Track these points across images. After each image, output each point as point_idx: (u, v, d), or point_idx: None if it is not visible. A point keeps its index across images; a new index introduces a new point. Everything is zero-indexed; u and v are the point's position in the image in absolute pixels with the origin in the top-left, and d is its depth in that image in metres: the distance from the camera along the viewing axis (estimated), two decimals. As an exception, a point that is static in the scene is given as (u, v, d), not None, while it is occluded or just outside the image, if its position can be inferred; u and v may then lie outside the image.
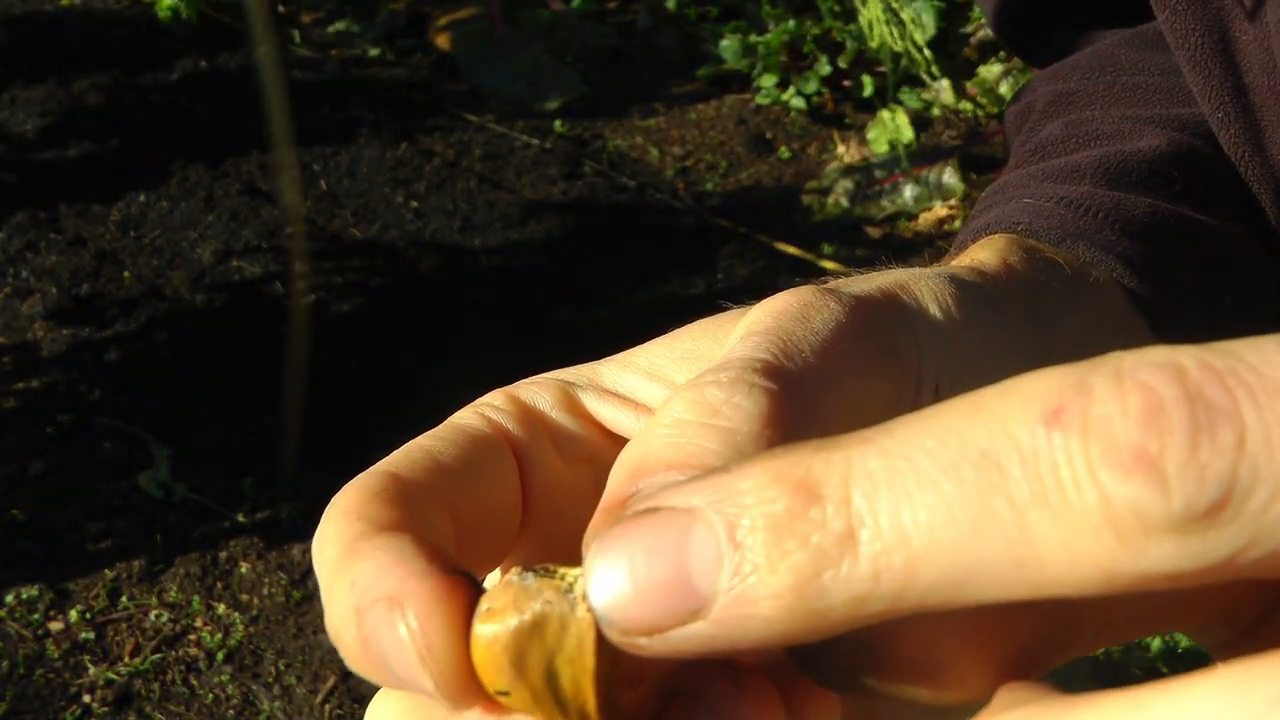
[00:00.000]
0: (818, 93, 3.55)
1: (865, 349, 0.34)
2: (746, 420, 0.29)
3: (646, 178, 3.36)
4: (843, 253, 3.10)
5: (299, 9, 3.95)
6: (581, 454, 0.38)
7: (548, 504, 0.37)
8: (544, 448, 0.37)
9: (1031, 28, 0.69)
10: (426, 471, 0.34)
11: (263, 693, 2.10)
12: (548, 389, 0.38)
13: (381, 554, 0.30)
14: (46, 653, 2.11)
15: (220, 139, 3.31)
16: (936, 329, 0.37)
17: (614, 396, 0.38)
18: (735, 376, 0.30)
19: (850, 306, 0.35)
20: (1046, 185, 0.54)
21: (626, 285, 2.96)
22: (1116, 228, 0.51)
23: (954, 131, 3.46)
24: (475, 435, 0.36)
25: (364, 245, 3.02)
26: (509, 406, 0.37)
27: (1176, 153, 0.56)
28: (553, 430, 0.38)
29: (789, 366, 0.31)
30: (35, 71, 3.52)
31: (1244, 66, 0.53)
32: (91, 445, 2.46)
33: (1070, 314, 0.45)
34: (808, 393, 0.31)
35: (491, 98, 3.56)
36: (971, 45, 3.48)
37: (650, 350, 0.39)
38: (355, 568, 0.30)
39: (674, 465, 0.29)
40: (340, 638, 0.30)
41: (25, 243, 2.92)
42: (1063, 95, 0.63)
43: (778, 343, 0.32)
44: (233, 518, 2.34)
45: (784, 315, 0.34)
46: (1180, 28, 0.53)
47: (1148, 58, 0.62)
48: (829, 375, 0.32)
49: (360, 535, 0.31)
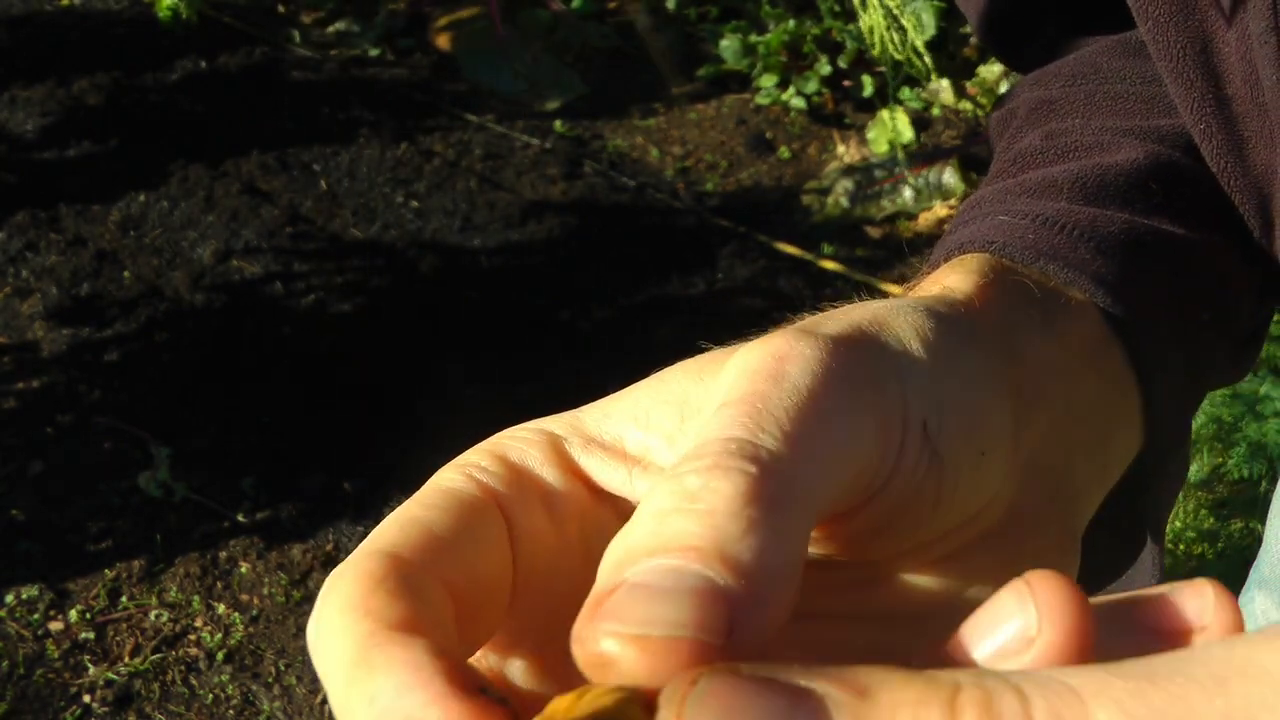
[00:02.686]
0: (818, 93, 3.55)
1: (848, 392, 0.34)
2: (725, 501, 0.30)
3: (646, 178, 3.36)
4: (843, 253, 3.10)
5: (299, 9, 3.95)
6: (570, 512, 0.37)
7: (537, 567, 0.36)
8: (533, 509, 0.36)
9: (1015, 32, 0.68)
10: (423, 549, 0.33)
11: (263, 693, 2.10)
12: (535, 444, 0.37)
13: (400, 670, 0.29)
14: (46, 653, 2.12)
15: (220, 139, 3.31)
16: (919, 366, 0.37)
17: (601, 447, 0.38)
18: (712, 463, 0.30)
19: (828, 350, 0.34)
20: (1022, 201, 0.54)
21: (626, 285, 2.96)
22: (1091, 245, 0.50)
23: (954, 131, 3.46)
24: (465, 500, 0.35)
25: (364, 245, 3.02)
26: (496, 467, 0.36)
27: (1155, 165, 0.56)
28: (541, 489, 0.37)
29: (763, 443, 0.31)
30: (35, 71, 3.52)
31: (1226, 77, 0.53)
32: (91, 445, 2.46)
33: (1041, 342, 0.44)
34: (786, 464, 0.31)
35: (491, 98, 3.56)
36: (971, 45, 3.48)
37: (634, 395, 0.38)
38: (373, 683, 0.29)
39: (655, 551, 0.29)
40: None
41: (25, 243, 2.92)
42: (1044, 103, 0.62)
43: (752, 414, 0.32)
44: (233, 518, 2.34)
45: (757, 377, 0.33)
46: (1162, 38, 0.53)
47: (1130, 66, 0.62)
48: (809, 436, 0.32)
49: (371, 638, 0.30)
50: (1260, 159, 0.54)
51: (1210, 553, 2.27)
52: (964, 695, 0.25)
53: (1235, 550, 2.27)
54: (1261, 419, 2.23)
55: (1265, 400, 2.25)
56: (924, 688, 0.26)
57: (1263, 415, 2.23)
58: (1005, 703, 0.25)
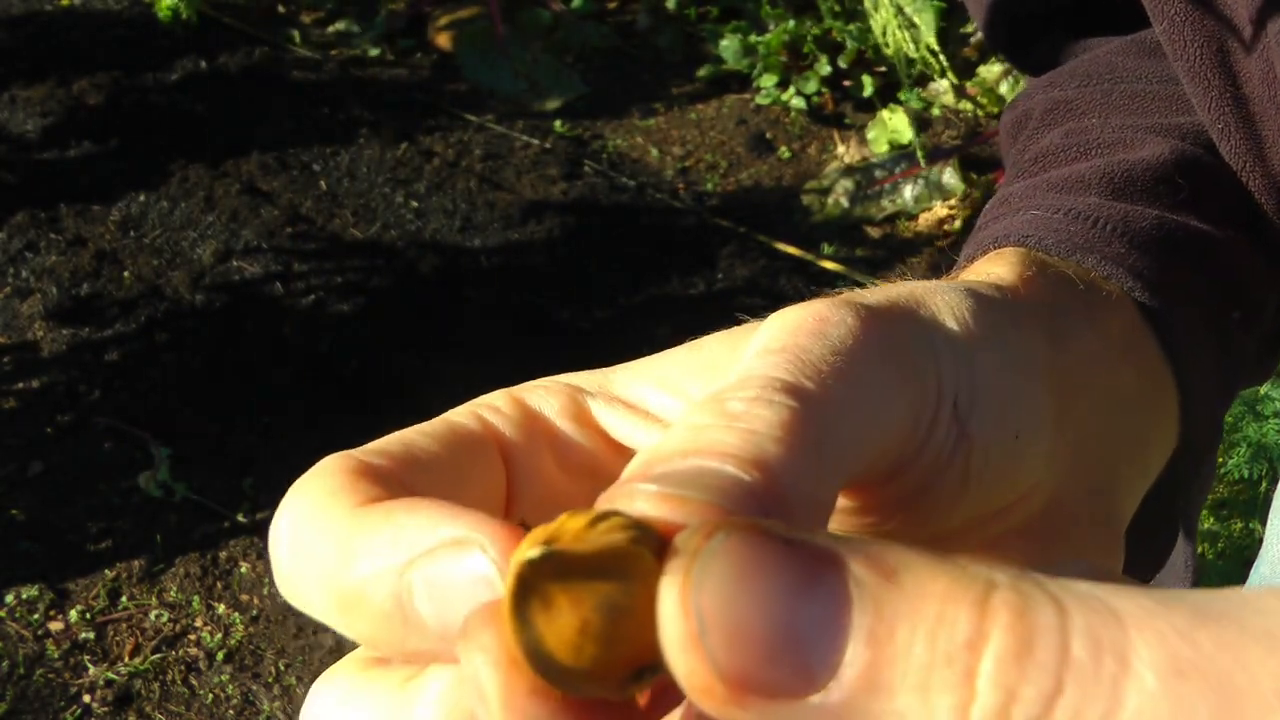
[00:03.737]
0: (818, 93, 3.55)
1: (883, 363, 0.34)
2: (768, 426, 0.29)
3: (646, 178, 3.36)
4: (843, 253, 3.10)
5: (299, 9, 3.95)
6: (583, 465, 0.37)
7: (545, 515, 0.36)
8: (541, 457, 0.36)
9: (1022, 33, 0.68)
10: (401, 465, 0.33)
11: (263, 693, 2.10)
12: (555, 394, 0.37)
13: (428, 507, 0.28)
14: (46, 653, 2.11)
15: (220, 139, 3.31)
16: (953, 344, 0.37)
17: (624, 406, 0.37)
18: (757, 394, 0.30)
19: (866, 320, 0.34)
20: (1052, 196, 0.53)
21: (626, 285, 2.96)
22: (1125, 240, 0.50)
23: (954, 131, 3.46)
24: (461, 434, 0.35)
25: (364, 245, 3.02)
26: (510, 410, 0.36)
27: (1180, 160, 0.55)
28: (554, 438, 0.37)
29: (809, 386, 0.31)
30: (35, 71, 3.52)
31: (1243, 77, 0.53)
32: (91, 445, 2.46)
33: (1085, 331, 0.44)
34: (828, 412, 0.31)
35: (491, 98, 3.56)
36: (971, 45, 3.48)
37: (667, 360, 0.38)
38: (391, 521, 0.28)
39: (689, 454, 0.28)
40: (355, 594, 0.29)
41: (25, 243, 2.92)
42: (1060, 103, 0.62)
43: (796, 361, 0.32)
44: (233, 518, 2.34)
45: (800, 332, 0.33)
46: (1179, 38, 0.53)
47: (1146, 65, 0.61)
48: (848, 393, 0.32)
49: (373, 499, 0.29)
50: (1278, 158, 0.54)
51: (1210, 553, 2.27)
52: (998, 597, 0.24)
53: (1235, 550, 2.27)
54: (1261, 419, 2.23)
55: (1265, 400, 2.25)
56: (954, 581, 0.24)
57: (1263, 415, 2.23)
58: (1042, 614, 0.23)
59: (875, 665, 0.23)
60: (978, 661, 0.23)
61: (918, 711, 0.23)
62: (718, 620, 0.24)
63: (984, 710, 0.23)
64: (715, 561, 0.24)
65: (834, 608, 0.24)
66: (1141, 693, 0.22)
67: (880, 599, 0.24)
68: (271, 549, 0.32)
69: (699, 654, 0.24)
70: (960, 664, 0.23)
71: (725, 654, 0.24)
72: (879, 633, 0.23)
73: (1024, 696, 0.23)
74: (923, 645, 0.23)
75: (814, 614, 0.23)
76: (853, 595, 0.24)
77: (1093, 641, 0.23)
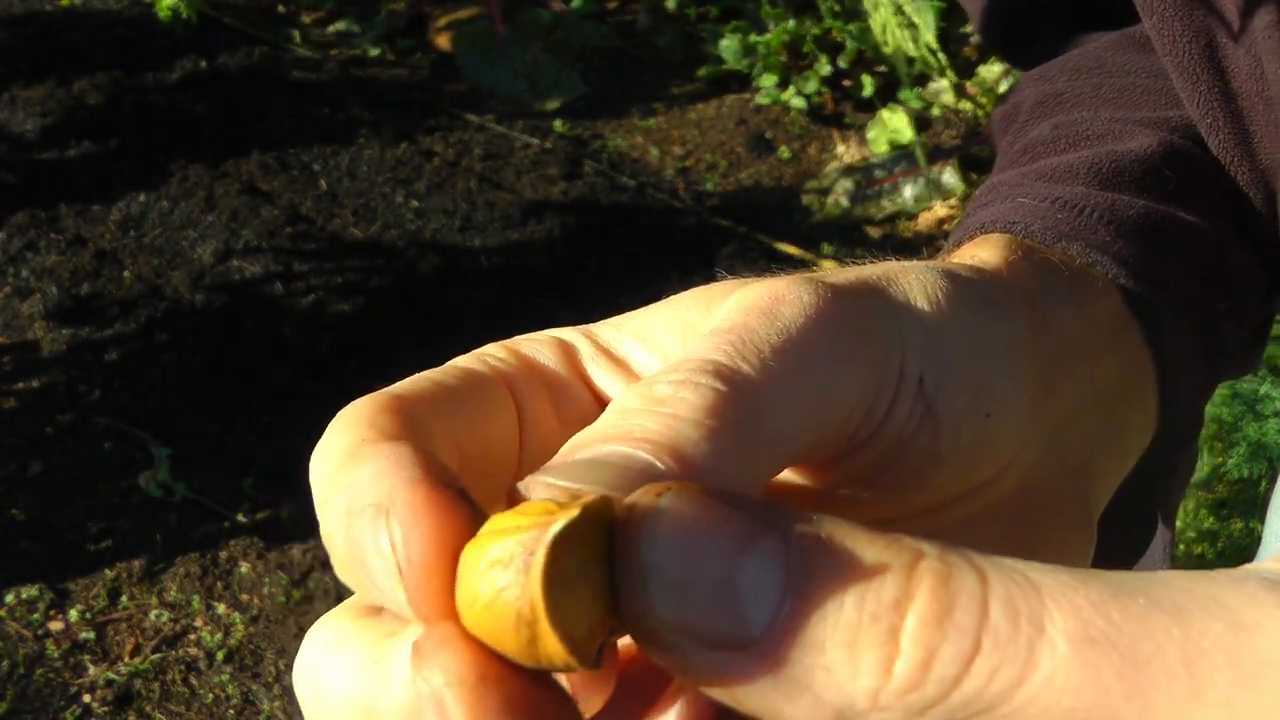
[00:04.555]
0: (818, 93, 3.55)
1: (835, 342, 0.34)
2: (689, 410, 0.30)
3: (646, 178, 3.36)
4: (843, 253, 3.10)
5: (299, 9, 3.95)
6: (576, 414, 0.38)
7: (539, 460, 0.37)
8: (542, 402, 0.37)
9: (1017, 29, 0.68)
10: (433, 397, 0.34)
11: (263, 693, 2.10)
12: (549, 345, 0.39)
13: (380, 459, 0.29)
14: (46, 653, 2.12)
15: (220, 139, 3.31)
16: (921, 322, 0.37)
17: (610, 360, 0.38)
18: (684, 378, 0.31)
19: (824, 298, 0.35)
20: (1040, 185, 0.54)
21: (626, 285, 2.96)
22: (1112, 228, 0.50)
23: (954, 131, 3.46)
24: (475, 374, 0.36)
25: (364, 245, 3.02)
26: (509, 357, 0.38)
27: (1168, 153, 0.56)
28: (550, 384, 0.38)
29: (740, 369, 0.32)
30: (35, 71, 3.52)
31: (1231, 72, 0.53)
32: (91, 445, 2.46)
33: (1070, 317, 0.44)
34: (760, 393, 0.32)
35: (491, 98, 3.56)
36: (971, 45, 3.48)
37: (646, 317, 0.39)
38: (353, 471, 0.30)
39: (611, 439, 0.29)
40: (331, 543, 0.30)
41: (25, 243, 2.92)
42: (1051, 96, 0.62)
43: (736, 343, 0.33)
44: (233, 518, 2.34)
45: (751, 312, 0.34)
46: (1168, 33, 0.53)
47: (1135, 60, 0.62)
48: (789, 373, 0.32)
49: (364, 441, 0.31)
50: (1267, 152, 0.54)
51: (1210, 553, 2.27)
52: (924, 564, 0.25)
53: (1235, 550, 2.27)
54: (1261, 419, 2.23)
55: (1265, 400, 2.25)
56: (885, 549, 0.26)
57: (1263, 415, 2.23)
58: (964, 580, 0.25)
59: (807, 620, 0.25)
60: (902, 621, 0.25)
61: (845, 665, 0.25)
62: (664, 571, 0.25)
63: (906, 666, 0.25)
64: (664, 517, 0.26)
65: (771, 567, 0.25)
66: (1054, 657, 0.24)
67: (814, 561, 0.25)
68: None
69: (644, 600, 0.25)
70: (885, 622, 0.25)
71: (670, 603, 0.25)
72: (811, 591, 0.25)
73: (943, 655, 0.24)
74: (852, 604, 0.25)
75: (753, 571, 0.25)
76: (790, 555, 0.25)
77: (1011, 608, 0.24)
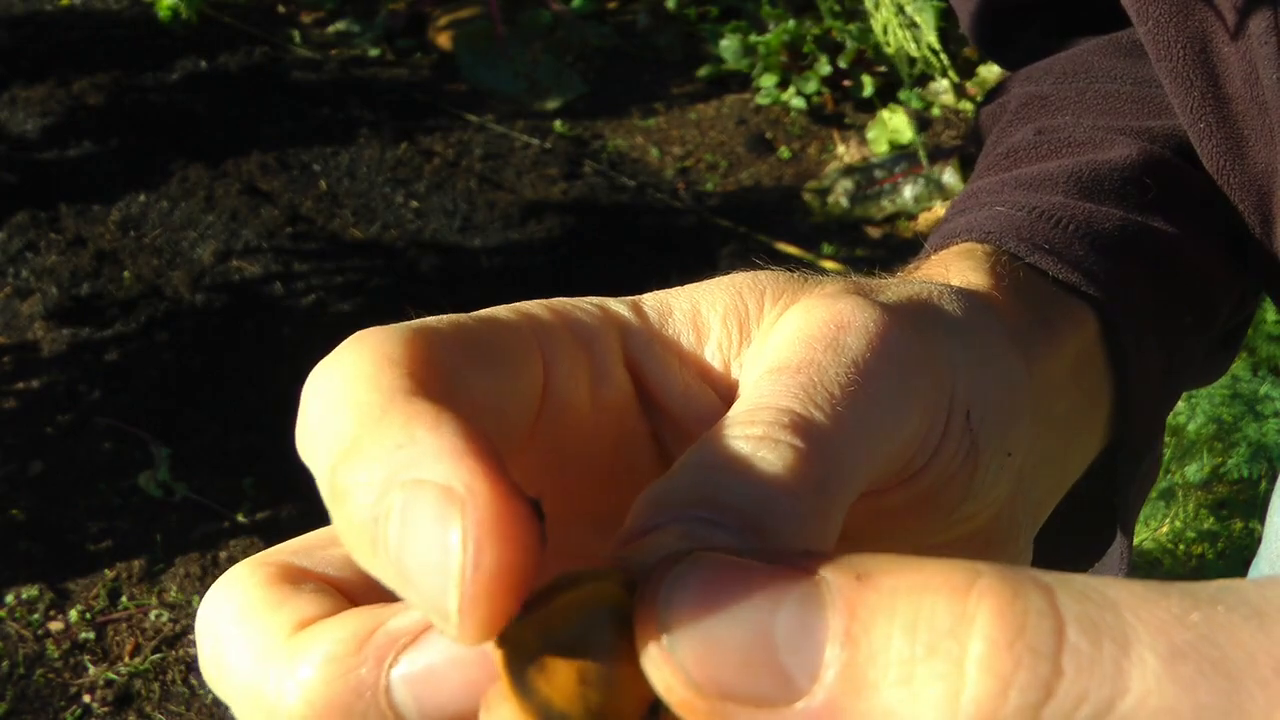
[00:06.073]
0: (818, 93, 3.55)
1: (900, 373, 0.33)
2: (771, 472, 0.29)
3: (646, 178, 3.36)
4: (843, 253, 3.10)
5: (299, 9, 3.95)
6: (611, 401, 0.36)
7: (557, 433, 0.34)
8: (575, 373, 0.35)
9: (1005, 31, 0.69)
10: (462, 342, 0.31)
11: (263, 693, 2.10)
12: (596, 316, 0.36)
13: (444, 436, 0.26)
14: (46, 653, 2.12)
15: (220, 139, 3.31)
16: (969, 355, 0.37)
17: (661, 345, 0.37)
18: (763, 433, 0.30)
19: (888, 325, 0.34)
20: (1019, 193, 0.54)
21: (626, 285, 2.95)
22: (1086, 242, 0.50)
23: (954, 131, 3.46)
24: (506, 323, 0.33)
25: (364, 245, 3.02)
26: (552, 319, 0.35)
27: (1149, 163, 0.56)
28: (592, 357, 0.36)
29: (814, 418, 0.31)
30: (35, 71, 3.52)
31: (1226, 77, 0.53)
32: (91, 445, 2.46)
33: (1044, 356, 0.45)
34: (834, 444, 0.31)
35: (491, 98, 3.56)
36: (972, 45, 3.48)
37: (694, 296, 0.38)
38: (402, 432, 0.26)
39: (695, 504, 0.28)
40: (344, 499, 0.27)
41: (25, 243, 2.92)
42: (1035, 98, 0.62)
43: (808, 386, 0.31)
44: (233, 518, 2.34)
45: (815, 344, 0.33)
46: (1162, 39, 0.53)
47: (1122, 66, 0.62)
48: (860, 416, 0.32)
49: (407, 394, 0.28)
50: (1260, 157, 0.54)
51: (1210, 553, 2.27)
52: (982, 584, 0.23)
53: (1235, 550, 2.27)
54: (1261, 419, 2.23)
55: (1265, 400, 2.25)
56: (933, 573, 0.23)
57: (1263, 415, 2.23)
58: (1032, 599, 0.23)
59: (855, 664, 0.23)
60: (964, 649, 0.23)
61: (906, 705, 0.23)
62: (686, 633, 0.24)
63: (976, 697, 0.22)
64: (681, 581, 0.24)
65: (807, 614, 0.23)
66: (1145, 676, 0.22)
67: (853, 600, 0.23)
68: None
69: (670, 668, 0.24)
70: (944, 653, 0.23)
71: (696, 666, 0.24)
72: (854, 632, 0.23)
73: (1019, 682, 0.22)
74: (901, 639, 0.23)
75: (788, 622, 0.23)
76: (825, 599, 0.24)
77: (1090, 626, 0.23)
